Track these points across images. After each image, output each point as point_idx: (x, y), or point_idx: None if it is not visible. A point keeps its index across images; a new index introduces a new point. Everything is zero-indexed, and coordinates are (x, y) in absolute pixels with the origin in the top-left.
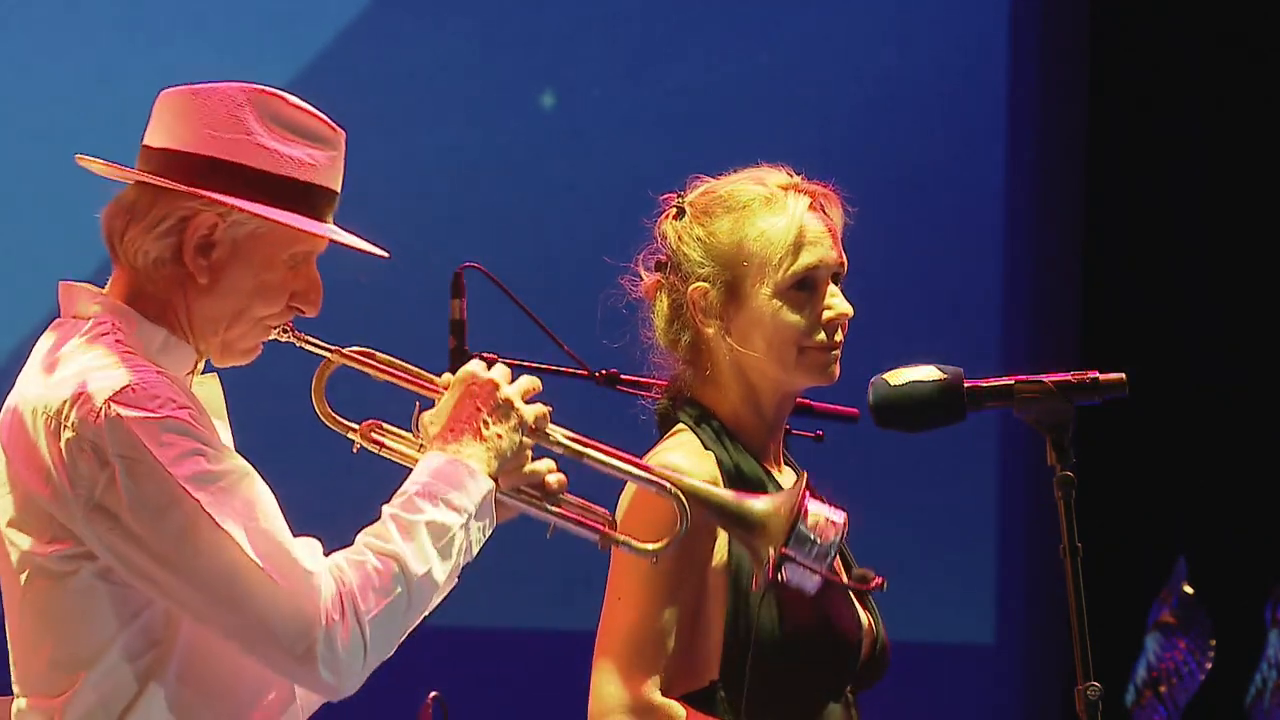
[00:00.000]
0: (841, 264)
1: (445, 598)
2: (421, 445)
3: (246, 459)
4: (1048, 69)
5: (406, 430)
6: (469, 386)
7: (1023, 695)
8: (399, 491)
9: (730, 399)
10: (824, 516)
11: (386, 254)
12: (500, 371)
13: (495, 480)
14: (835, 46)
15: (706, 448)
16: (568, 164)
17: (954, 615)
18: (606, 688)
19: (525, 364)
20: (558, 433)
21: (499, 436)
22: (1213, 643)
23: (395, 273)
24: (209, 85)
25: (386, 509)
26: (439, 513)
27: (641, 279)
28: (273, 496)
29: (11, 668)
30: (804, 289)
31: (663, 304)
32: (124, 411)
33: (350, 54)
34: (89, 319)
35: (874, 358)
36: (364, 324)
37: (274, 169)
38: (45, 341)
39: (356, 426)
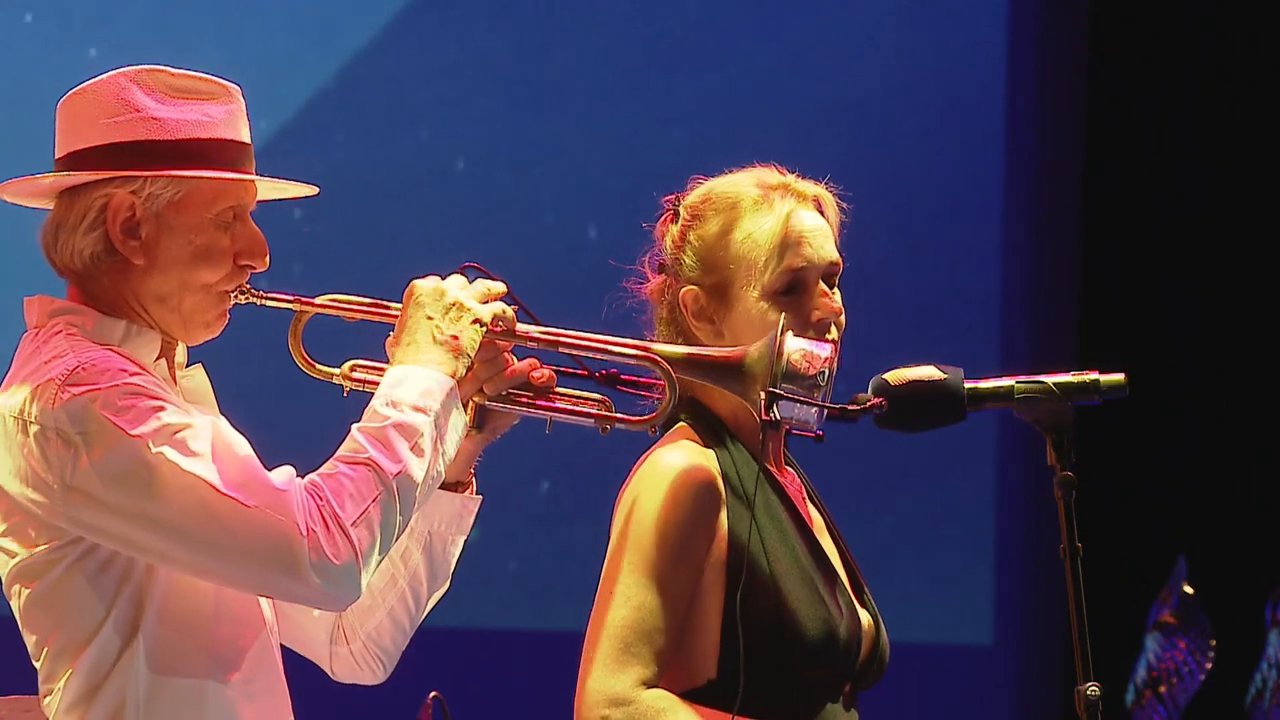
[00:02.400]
0: (834, 263)
1: (443, 599)
2: None
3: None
4: (1046, 68)
5: (385, 363)
6: (416, 299)
7: (1020, 696)
8: (365, 411)
9: (728, 399)
10: (805, 349)
11: (315, 190)
12: (453, 281)
13: (456, 379)
14: (835, 47)
15: (707, 446)
16: (568, 163)
17: (952, 616)
18: (589, 681)
19: None
20: (528, 329)
21: (454, 337)
22: (1213, 643)
23: (395, 273)
24: (93, 80)
25: (354, 426)
26: (403, 415)
27: (647, 280)
28: (242, 438)
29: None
30: (791, 291)
31: (662, 307)
32: (77, 391)
33: (356, 59)
34: (47, 326)
35: (874, 358)
36: (364, 324)
37: (170, 135)
38: (15, 355)
39: (336, 370)
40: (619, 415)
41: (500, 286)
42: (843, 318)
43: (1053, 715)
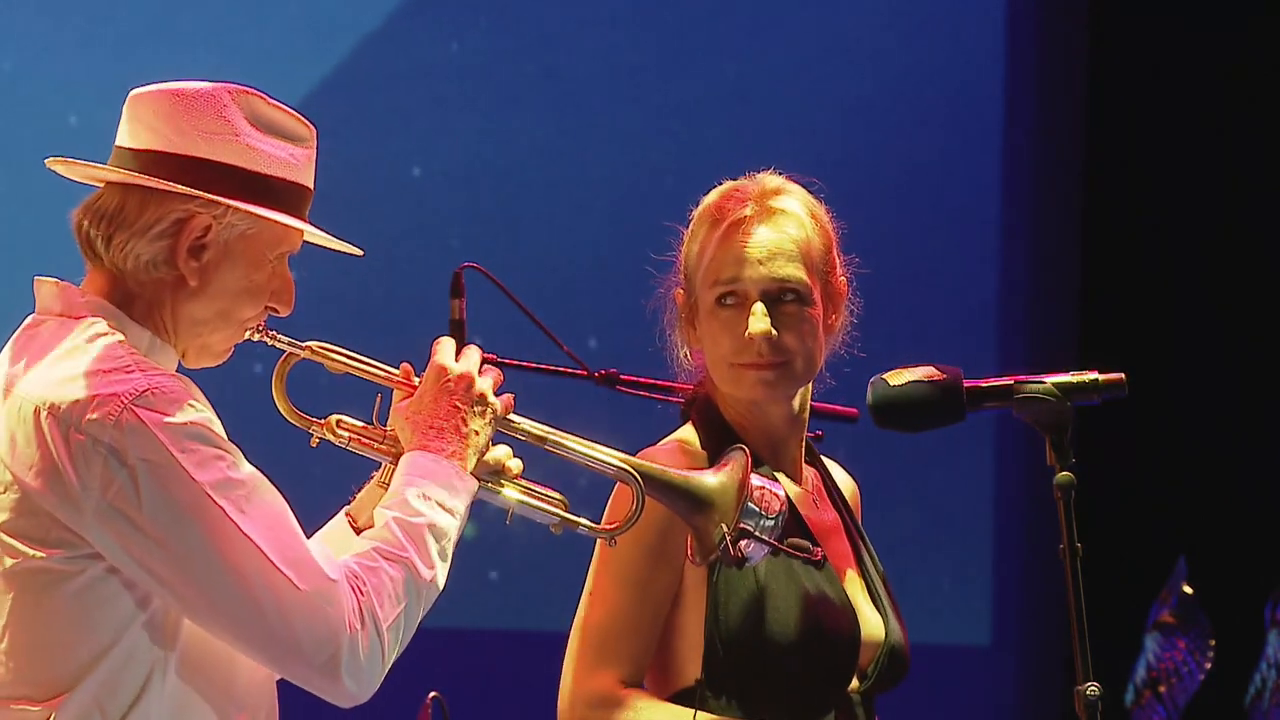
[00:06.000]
0: (778, 281)
1: (442, 599)
2: (385, 436)
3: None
4: (1045, 68)
5: (368, 422)
6: (444, 382)
7: (1020, 696)
8: (391, 492)
9: (725, 399)
10: (768, 489)
11: (360, 252)
12: (471, 362)
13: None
14: (833, 47)
15: (705, 447)
16: (568, 164)
17: (951, 616)
18: (569, 682)
19: (525, 365)
20: (521, 421)
21: (476, 433)
22: (1213, 643)
23: (395, 273)
24: (188, 85)
25: (386, 512)
26: (437, 515)
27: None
28: (286, 504)
29: None
30: (728, 308)
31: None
32: (145, 415)
33: (356, 58)
34: (79, 318)
35: (874, 358)
36: (364, 325)
37: (262, 169)
38: (29, 338)
39: (320, 421)
40: (581, 520)
41: (499, 373)
42: (797, 339)
43: (1052, 715)
